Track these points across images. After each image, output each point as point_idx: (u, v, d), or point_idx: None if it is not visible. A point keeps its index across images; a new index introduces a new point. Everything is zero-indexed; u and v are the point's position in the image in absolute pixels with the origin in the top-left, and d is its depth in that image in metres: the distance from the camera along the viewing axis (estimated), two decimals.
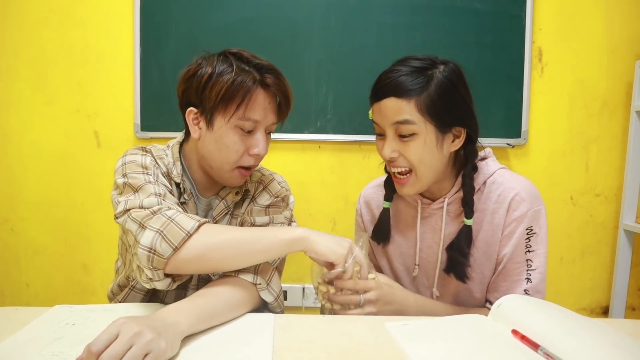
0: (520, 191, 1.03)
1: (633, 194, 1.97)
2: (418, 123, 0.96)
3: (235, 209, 1.12)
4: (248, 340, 0.77)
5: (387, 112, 0.98)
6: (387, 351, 0.75)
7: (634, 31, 1.98)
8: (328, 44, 1.94)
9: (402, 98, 0.96)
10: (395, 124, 0.98)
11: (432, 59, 1.00)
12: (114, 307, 0.90)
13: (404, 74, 0.97)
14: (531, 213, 1.02)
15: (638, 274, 2.07)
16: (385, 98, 0.98)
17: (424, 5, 1.92)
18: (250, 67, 0.98)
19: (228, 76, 0.95)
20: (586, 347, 0.70)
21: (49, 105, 1.99)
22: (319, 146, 2.03)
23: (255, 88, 0.97)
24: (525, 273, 1.02)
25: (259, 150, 1.00)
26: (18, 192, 2.04)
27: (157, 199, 0.89)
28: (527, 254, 1.02)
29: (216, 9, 1.92)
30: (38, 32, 1.96)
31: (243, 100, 0.95)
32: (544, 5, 1.97)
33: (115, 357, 0.62)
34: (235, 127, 0.97)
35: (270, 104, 1.00)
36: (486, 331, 0.82)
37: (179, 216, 0.86)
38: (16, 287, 2.09)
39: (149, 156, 1.02)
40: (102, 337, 0.64)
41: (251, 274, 0.95)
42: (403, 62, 1.00)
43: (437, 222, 1.10)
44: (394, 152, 1.00)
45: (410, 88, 0.96)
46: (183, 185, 1.04)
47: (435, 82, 0.97)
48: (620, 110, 2.02)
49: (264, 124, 1.00)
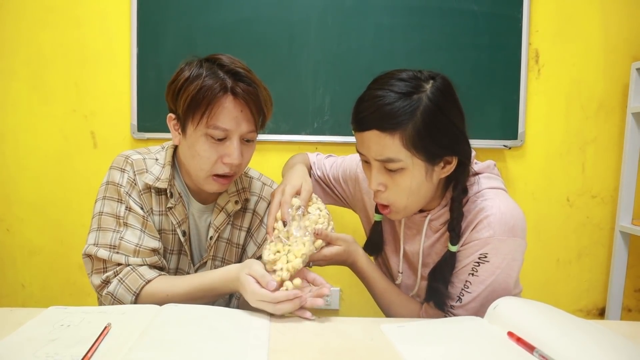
0: (492, 216, 0.94)
1: (629, 195, 1.98)
2: (404, 159, 0.89)
3: (236, 219, 1.12)
4: (243, 342, 0.77)
5: (371, 146, 0.91)
6: (383, 353, 0.75)
7: (630, 33, 1.99)
8: (325, 45, 1.94)
9: (385, 132, 0.88)
10: (381, 161, 0.91)
11: (417, 77, 0.90)
12: (108, 309, 0.89)
13: (387, 103, 0.87)
14: (492, 241, 0.93)
15: (634, 275, 2.07)
16: (367, 130, 0.90)
17: (420, 7, 1.92)
18: (224, 74, 0.96)
19: (196, 83, 0.94)
20: (582, 349, 0.70)
21: (46, 105, 1.99)
22: (316, 147, 2.02)
23: (222, 96, 0.94)
24: (460, 292, 0.97)
25: (232, 160, 0.98)
26: (14, 192, 2.03)
27: (109, 253, 0.99)
28: (469, 276, 0.96)
29: (213, 10, 1.92)
30: (35, 32, 1.96)
31: (207, 108, 0.94)
32: (541, 7, 1.97)
33: None
34: (205, 135, 0.96)
35: (242, 112, 0.97)
36: (482, 333, 0.82)
37: (120, 289, 0.97)
38: (12, 287, 2.08)
39: (128, 173, 1.04)
40: None
41: None
42: (386, 85, 0.90)
43: (419, 232, 1.06)
44: (380, 186, 0.94)
45: (395, 121, 0.87)
46: (170, 190, 1.05)
47: (422, 111, 0.87)
48: (617, 111, 2.02)
49: (236, 132, 0.97)
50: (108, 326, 0.78)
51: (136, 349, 0.71)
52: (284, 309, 0.88)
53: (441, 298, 0.98)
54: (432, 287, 0.99)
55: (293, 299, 0.88)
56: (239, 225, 1.13)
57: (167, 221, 1.07)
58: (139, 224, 1.02)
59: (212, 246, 1.10)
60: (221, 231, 1.10)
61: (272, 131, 1.97)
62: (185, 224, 1.08)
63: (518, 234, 0.94)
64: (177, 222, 1.07)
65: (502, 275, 0.95)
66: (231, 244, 1.13)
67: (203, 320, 0.84)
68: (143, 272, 0.99)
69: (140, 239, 1.01)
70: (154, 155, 1.10)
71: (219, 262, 1.13)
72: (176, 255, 1.10)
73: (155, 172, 1.06)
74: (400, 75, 0.91)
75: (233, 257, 1.14)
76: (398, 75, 0.91)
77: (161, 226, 1.07)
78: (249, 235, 1.14)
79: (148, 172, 1.05)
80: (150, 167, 1.06)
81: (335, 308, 2.08)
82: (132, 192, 1.04)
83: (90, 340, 0.73)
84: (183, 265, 1.11)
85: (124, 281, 0.98)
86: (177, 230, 1.07)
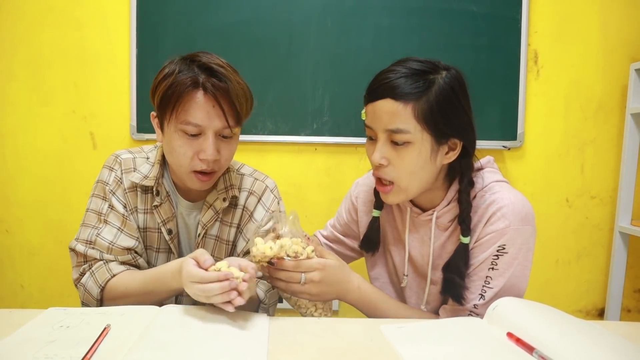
0: (505, 207, 0.94)
1: (628, 196, 1.98)
2: (414, 132, 0.90)
3: (225, 216, 1.12)
4: (242, 343, 0.77)
5: (382, 115, 0.91)
6: (382, 354, 0.75)
7: (628, 34, 1.99)
8: (324, 46, 1.94)
9: (399, 101, 0.89)
10: (389, 131, 0.91)
11: (434, 63, 0.93)
12: (107, 310, 0.89)
13: (403, 76, 0.90)
14: (509, 231, 0.93)
15: (633, 275, 2.08)
16: (380, 99, 0.91)
17: (420, 8, 1.93)
18: (198, 70, 0.95)
19: (168, 79, 0.95)
20: (581, 350, 0.70)
21: (45, 106, 1.99)
22: (315, 148, 2.03)
23: (192, 91, 0.94)
24: (481, 289, 0.96)
25: (206, 155, 0.96)
26: (13, 193, 2.03)
27: (85, 248, 1.04)
28: (489, 271, 0.96)
29: (213, 11, 1.92)
30: (34, 33, 1.96)
31: (178, 103, 0.94)
32: (540, 8, 1.98)
33: None
34: (179, 130, 0.97)
35: (214, 107, 0.95)
36: (481, 334, 0.82)
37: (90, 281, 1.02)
38: (11, 288, 2.08)
39: (115, 172, 1.08)
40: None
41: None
42: (403, 63, 0.93)
43: (427, 233, 1.05)
44: (383, 159, 0.94)
45: (409, 91, 0.89)
46: (157, 188, 1.06)
47: (436, 88, 0.90)
48: (616, 112, 2.03)
49: (210, 127, 0.96)
50: (107, 327, 0.78)
51: (136, 350, 0.71)
52: (212, 290, 0.81)
53: (458, 290, 0.97)
54: (447, 280, 0.98)
55: (224, 280, 0.81)
56: (229, 222, 1.12)
57: (153, 219, 1.08)
58: (118, 222, 1.05)
59: (199, 243, 1.10)
60: (209, 228, 1.10)
61: (271, 132, 1.98)
62: (172, 222, 1.09)
63: (531, 222, 0.95)
64: (162, 220, 1.07)
65: (519, 267, 0.95)
66: (220, 240, 1.13)
67: (202, 321, 0.84)
68: (112, 267, 1.02)
69: (115, 237, 1.04)
70: (145, 154, 1.12)
71: None
72: (163, 253, 1.11)
73: (144, 170, 1.08)
74: (417, 58, 0.94)
75: (223, 254, 1.13)
76: (415, 58, 0.94)
77: (146, 224, 1.08)
78: (238, 231, 1.13)
79: (136, 171, 1.07)
80: (139, 166, 1.09)
81: (335, 309, 2.08)
82: (117, 190, 1.07)
83: (90, 341, 0.73)
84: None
85: (94, 274, 1.02)
86: (162, 228, 1.08)
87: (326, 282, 0.95)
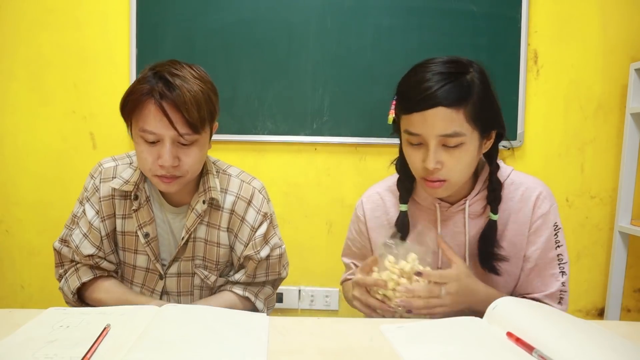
0: (541, 190, 1.05)
1: (628, 195, 1.98)
2: (467, 133, 0.93)
3: (212, 219, 1.12)
4: (242, 342, 0.77)
5: (436, 123, 0.92)
6: (382, 354, 0.75)
7: (628, 34, 1.99)
8: (324, 46, 1.94)
9: (451, 108, 0.91)
10: (444, 136, 0.93)
11: (461, 61, 0.96)
12: (107, 310, 0.89)
13: (446, 82, 0.91)
14: (553, 209, 1.05)
15: (633, 275, 2.08)
16: (431, 108, 0.91)
17: (419, 8, 1.93)
18: (155, 78, 0.96)
19: (129, 88, 0.99)
20: (581, 349, 0.70)
21: (45, 107, 1.99)
22: (315, 148, 2.03)
23: (147, 99, 0.95)
24: (558, 267, 1.04)
25: (163, 162, 0.97)
26: (13, 194, 2.03)
27: (60, 245, 1.14)
28: (557, 249, 1.04)
29: (212, 11, 1.92)
30: (34, 33, 1.96)
31: (135, 111, 0.97)
32: (540, 7, 1.98)
33: None
34: (139, 137, 0.99)
35: (165, 116, 0.95)
36: (481, 333, 0.82)
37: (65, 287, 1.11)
38: (11, 288, 2.08)
39: (94, 180, 1.12)
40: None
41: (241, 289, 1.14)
42: (432, 67, 0.94)
43: (457, 224, 1.07)
44: (438, 164, 0.95)
45: (460, 97, 0.91)
46: (136, 193, 1.08)
47: (476, 89, 0.94)
48: (615, 112, 2.03)
49: (167, 135, 0.96)
50: (107, 327, 0.78)
51: (135, 350, 0.71)
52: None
53: (494, 259, 1.03)
54: (483, 251, 1.04)
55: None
56: (217, 224, 1.12)
57: (132, 223, 1.11)
58: (85, 228, 1.10)
59: (181, 247, 1.11)
60: (195, 231, 1.11)
61: (271, 132, 1.98)
62: (150, 226, 1.10)
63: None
64: (139, 224, 1.09)
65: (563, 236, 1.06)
66: (209, 243, 1.13)
67: (202, 321, 0.84)
68: (81, 274, 1.10)
69: (80, 242, 1.09)
70: (129, 160, 1.14)
71: (199, 261, 1.14)
72: (142, 255, 1.13)
73: (126, 175, 1.10)
74: (442, 59, 0.96)
75: (214, 255, 1.14)
76: (440, 59, 0.96)
77: (124, 228, 1.11)
78: (232, 235, 1.14)
79: (117, 177, 1.10)
80: (120, 172, 1.11)
81: (335, 309, 2.08)
82: (92, 197, 1.11)
83: (90, 341, 0.73)
84: (151, 265, 1.13)
85: (67, 280, 1.11)
86: (138, 232, 1.10)
87: (462, 292, 0.95)
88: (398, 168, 1.11)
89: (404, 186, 1.10)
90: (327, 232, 2.07)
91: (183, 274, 1.14)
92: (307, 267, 2.07)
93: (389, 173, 1.20)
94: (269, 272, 1.17)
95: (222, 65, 1.93)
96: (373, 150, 2.02)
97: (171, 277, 1.14)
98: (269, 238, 1.16)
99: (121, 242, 1.13)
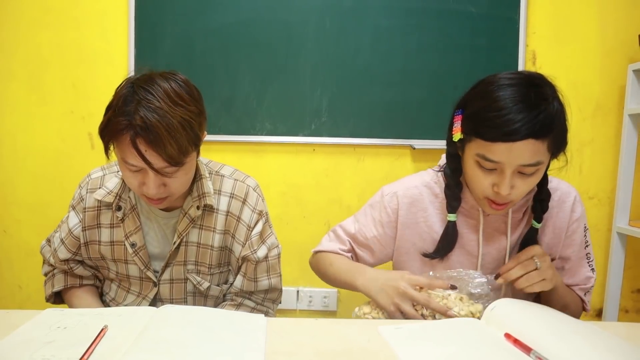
0: (575, 194, 1.10)
1: (626, 196, 1.98)
2: (545, 160, 0.93)
3: (206, 221, 1.10)
4: (240, 343, 0.77)
5: (523, 154, 0.89)
6: (379, 355, 0.75)
7: (626, 35, 1.99)
8: (323, 47, 1.94)
9: (539, 139, 0.88)
10: (524, 165, 0.90)
11: (541, 88, 0.93)
12: (105, 311, 0.89)
13: (538, 113, 0.88)
14: (584, 212, 1.11)
15: (631, 276, 2.08)
16: (521, 140, 0.88)
17: (418, 8, 1.93)
18: (133, 107, 0.89)
19: (108, 114, 0.94)
20: (579, 351, 0.70)
21: (44, 107, 1.99)
22: (314, 149, 2.03)
23: (125, 135, 0.89)
24: (588, 265, 1.12)
25: (147, 191, 0.94)
26: (11, 194, 2.03)
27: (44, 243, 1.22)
28: (586, 249, 1.12)
29: (211, 11, 1.92)
30: (33, 33, 1.96)
31: (114, 143, 0.93)
32: (538, 8, 1.98)
33: None
34: (121, 163, 0.95)
35: (147, 151, 0.89)
36: (479, 335, 0.82)
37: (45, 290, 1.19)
38: (9, 289, 2.08)
39: (81, 190, 1.13)
40: None
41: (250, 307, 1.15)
42: (517, 91, 0.91)
43: (496, 232, 1.07)
44: (510, 189, 0.93)
45: (548, 129, 0.89)
46: (118, 204, 1.08)
47: (557, 115, 0.91)
48: (614, 113, 2.03)
49: (148, 167, 0.91)
50: (105, 328, 0.78)
51: (133, 351, 0.71)
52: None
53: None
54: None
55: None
56: (212, 227, 1.10)
57: (119, 233, 1.09)
58: (64, 234, 1.12)
59: (172, 251, 1.09)
60: (187, 235, 1.09)
61: (269, 132, 1.98)
62: (137, 235, 1.08)
63: None
64: (125, 234, 1.08)
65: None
66: (203, 246, 1.10)
67: (200, 321, 0.84)
68: (55, 281, 1.16)
69: (58, 246, 1.13)
70: (117, 168, 1.12)
71: (191, 266, 1.11)
72: (133, 265, 1.11)
73: (110, 185, 1.09)
74: (521, 81, 0.94)
75: (207, 259, 1.11)
76: (516, 80, 0.95)
77: (112, 238, 1.10)
78: (229, 236, 1.11)
79: (101, 187, 1.09)
80: (106, 182, 1.10)
81: (333, 309, 2.08)
82: (77, 206, 1.12)
83: (87, 342, 0.73)
84: (143, 274, 1.11)
85: (46, 284, 1.18)
86: (125, 242, 1.08)
87: (552, 266, 1.00)
88: (449, 175, 1.06)
89: (455, 195, 1.06)
90: (325, 233, 2.07)
91: (175, 280, 1.11)
92: (306, 268, 2.05)
93: (388, 173, 1.20)
94: (271, 274, 1.15)
95: (220, 66, 1.93)
96: (372, 151, 2.02)
97: (164, 284, 1.11)
98: (265, 238, 1.14)
99: (112, 253, 1.11)
